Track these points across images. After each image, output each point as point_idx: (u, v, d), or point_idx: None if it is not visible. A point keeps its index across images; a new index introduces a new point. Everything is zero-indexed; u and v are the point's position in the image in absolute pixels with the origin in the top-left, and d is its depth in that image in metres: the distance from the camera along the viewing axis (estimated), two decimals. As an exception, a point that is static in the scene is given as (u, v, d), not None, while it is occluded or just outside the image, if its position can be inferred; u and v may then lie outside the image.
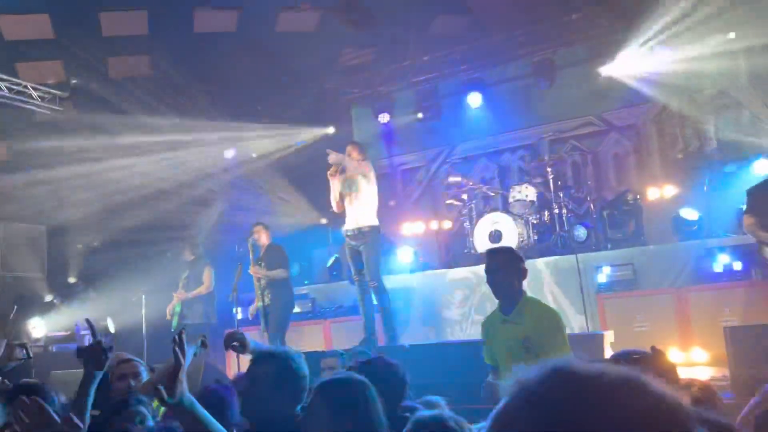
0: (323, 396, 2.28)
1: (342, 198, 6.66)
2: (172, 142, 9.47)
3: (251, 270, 7.31)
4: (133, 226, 9.41)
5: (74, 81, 8.91)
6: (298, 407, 2.47)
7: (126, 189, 9.52)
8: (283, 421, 2.43)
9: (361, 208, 6.58)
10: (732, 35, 8.01)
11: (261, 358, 2.68)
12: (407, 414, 2.42)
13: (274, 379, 2.51)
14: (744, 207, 5.79)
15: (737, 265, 6.65)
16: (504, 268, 3.54)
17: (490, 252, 3.73)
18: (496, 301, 3.82)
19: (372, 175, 6.71)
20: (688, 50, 8.74)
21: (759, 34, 7.87)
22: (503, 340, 3.51)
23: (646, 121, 9.24)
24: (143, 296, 7.98)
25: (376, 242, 6.60)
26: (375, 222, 6.62)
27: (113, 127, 9.24)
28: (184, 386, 2.01)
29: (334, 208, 6.81)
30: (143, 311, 7.94)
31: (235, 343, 3.09)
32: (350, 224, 6.62)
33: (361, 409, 2.23)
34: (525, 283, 6.81)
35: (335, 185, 6.68)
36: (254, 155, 10.60)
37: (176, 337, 2.13)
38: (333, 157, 6.51)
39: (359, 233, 6.54)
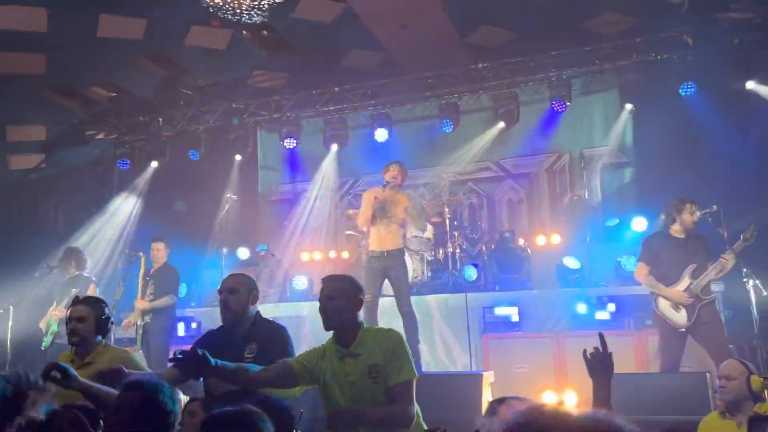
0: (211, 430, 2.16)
1: (372, 218, 6.51)
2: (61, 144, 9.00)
3: (137, 304, 7.05)
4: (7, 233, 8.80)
5: None
6: None
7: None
8: None
9: (391, 231, 6.47)
10: (629, 106, 8.61)
11: (130, 385, 2.56)
12: None
13: (137, 410, 2.38)
14: (638, 256, 6.00)
15: (612, 315, 7.03)
16: (339, 296, 3.28)
17: (327, 278, 3.40)
18: None
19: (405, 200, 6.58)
20: (582, 110, 9.37)
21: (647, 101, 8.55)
22: (343, 377, 3.22)
23: (540, 171, 9.73)
24: (11, 308, 7.43)
25: (405, 265, 6.56)
26: (400, 245, 6.55)
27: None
28: None
29: (362, 225, 6.76)
30: (9, 323, 7.39)
31: (55, 374, 2.94)
32: (376, 246, 6.51)
33: None
34: (409, 320, 6.81)
35: (369, 203, 6.52)
36: (154, 165, 10.22)
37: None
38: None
39: (387, 255, 6.42)
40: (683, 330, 5.58)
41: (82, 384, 3.11)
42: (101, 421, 2.67)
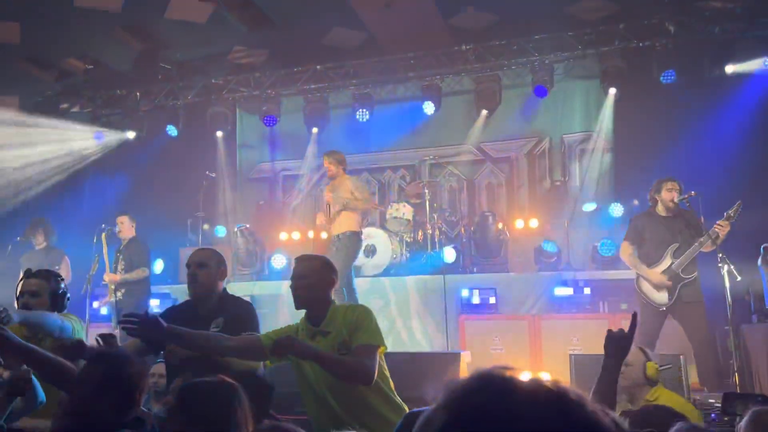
0: (183, 401, 2.13)
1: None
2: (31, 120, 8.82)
3: (106, 278, 6.96)
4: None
5: None
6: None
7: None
8: (104, 427, 2.26)
9: (340, 215, 6.82)
10: (613, 92, 8.62)
11: (93, 359, 2.52)
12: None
13: (101, 383, 2.34)
14: (624, 235, 6.06)
15: (588, 298, 7.13)
16: (310, 275, 3.31)
17: (299, 258, 3.45)
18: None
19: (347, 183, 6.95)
20: (563, 95, 9.36)
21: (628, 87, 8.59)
22: None
23: (519, 155, 9.75)
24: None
25: (345, 247, 6.77)
26: (352, 228, 6.81)
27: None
28: None
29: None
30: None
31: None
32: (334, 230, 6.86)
33: (225, 416, 2.08)
34: (390, 300, 6.86)
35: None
36: (131, 135, 10.07)
37: None
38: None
39: (337, 239, 6.77)
40: (663, 309, 5.65)
41: (18, 345, 2.76)
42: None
